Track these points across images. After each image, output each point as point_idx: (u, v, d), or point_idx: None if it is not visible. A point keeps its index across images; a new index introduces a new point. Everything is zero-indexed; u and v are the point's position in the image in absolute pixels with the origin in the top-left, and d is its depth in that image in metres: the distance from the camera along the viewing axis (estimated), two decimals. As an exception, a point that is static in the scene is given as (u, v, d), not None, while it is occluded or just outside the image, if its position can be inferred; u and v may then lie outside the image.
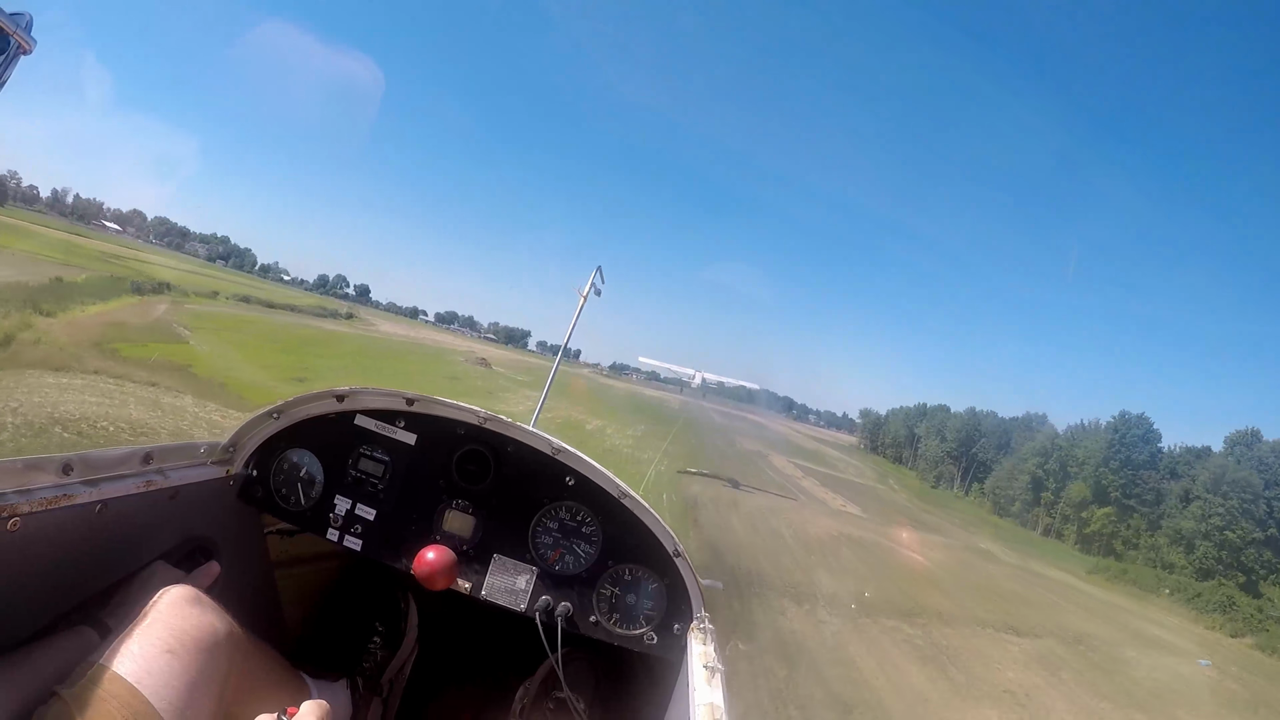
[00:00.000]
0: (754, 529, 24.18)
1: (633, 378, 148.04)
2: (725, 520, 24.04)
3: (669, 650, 1.79)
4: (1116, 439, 57.25)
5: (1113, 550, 55.26)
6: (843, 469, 69.89)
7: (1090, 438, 61.05)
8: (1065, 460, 61.41)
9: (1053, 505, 61.48)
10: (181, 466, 1.63)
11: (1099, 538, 56.13)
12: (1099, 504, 56.84)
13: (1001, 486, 66.96)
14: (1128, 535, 55.12)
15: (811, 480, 49.98)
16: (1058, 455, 62.19)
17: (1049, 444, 64.20)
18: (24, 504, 1.18)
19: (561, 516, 1.85)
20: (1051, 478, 61.82)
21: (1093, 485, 57.52)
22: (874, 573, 23.40)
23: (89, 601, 1.35)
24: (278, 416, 1.85)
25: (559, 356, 3.63)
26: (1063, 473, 61.16)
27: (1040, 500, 62.39)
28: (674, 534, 1.80)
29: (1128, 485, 55.85)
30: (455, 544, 1.82)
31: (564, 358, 3.65)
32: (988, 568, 34.59)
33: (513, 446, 1.85)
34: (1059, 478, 61.36)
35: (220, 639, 1.24)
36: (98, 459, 1.36)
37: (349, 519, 1.86)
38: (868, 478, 69.54)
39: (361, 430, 1.87)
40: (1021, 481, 64.00)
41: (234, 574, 1.72)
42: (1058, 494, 61.18)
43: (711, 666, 1.53)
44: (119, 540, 1.43)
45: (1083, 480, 58.43)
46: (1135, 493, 55.41)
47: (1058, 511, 60.78)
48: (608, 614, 1.82)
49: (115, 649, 1.12)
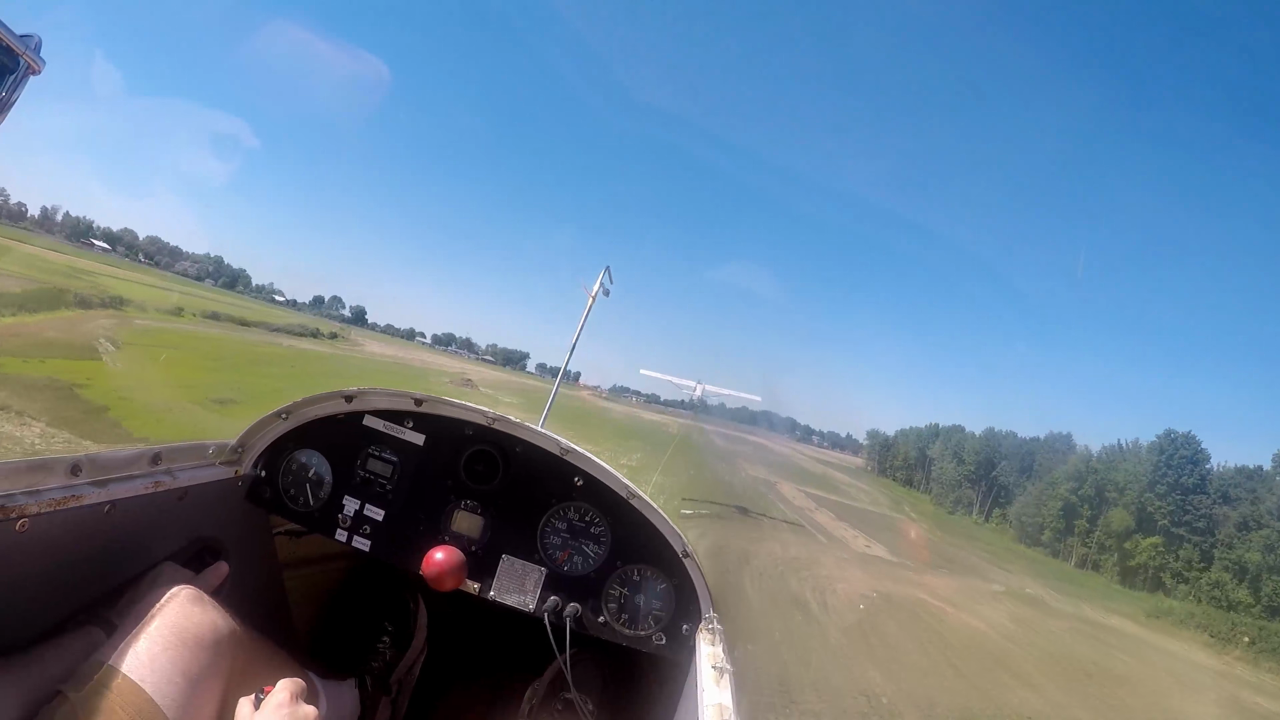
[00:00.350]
0: (772, 599, 18.77)
1: (632, 400, 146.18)
2: (737, 582, 18.70)
3: (677, 651, 1.79)
4: (1162, 461, 51.69)
5: (1160, 584, 49.57)
6: (855, 496, 65.06)
7: (1130, 460, 55.62)
8: (1102, 485, 55.84)
9: (1088, 534, 55.80)
10: (190, 467, 1.64)
11: (1144, 571, 50.41)
12: (1144, 533, 51.17)
13: (1028, 513, 61.33)
14: (1178, 568, 49.39)
15: (826, 513, 44.86)
16: (1093, 479, 56.62)
17: (1083, 467, 58.59)
18: (32, 505, 1.19)
19: (570, 517, 1.85)
20: (1087, 504, 56.18)
21: (1136, 512, 51.89)
22: (931, 657, 17.91)
23: (97, 602, 1.36)
24: (286, 417, 1.85)
25: (568, 354, 3.62)
26: (1099, 499, 55.57)
27: (1074, 529, 56.69)
28: (682, 534, 1.81)
29: (1176, 512, 50.20)
30: (464, 544, 1.82)
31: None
32: (1047, 623, 29.09)
33: (521, 447, 1.86)
34: (1095, 504, 55.75)
35: (223, 637, 1.27)
36: (106, 459, 1.38)
37: (357, 519, 1.87)
38: (882, 504, 64.75)
39: (370, 431, 1.88)
40: (1052, 508, 58.36)
41: (242, 574, 1.73)
42: (1094, 522, 55.53)
43: (720, 667, 1.52)
44: (127, 541, 1.45)
45: (1124, 507, 52.82)
46: (1185, 520, 49.74)
47: (1094, 540, 55.10)
48: (616, 615, 1.81)
49: (119, 647, 1.16)
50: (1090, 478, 56.91)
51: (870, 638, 17.74)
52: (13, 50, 0.88)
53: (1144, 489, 51.69)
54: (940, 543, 49.32)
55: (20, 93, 0.92)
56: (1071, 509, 56.80)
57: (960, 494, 74.74)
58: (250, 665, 1.34)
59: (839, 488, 68.79)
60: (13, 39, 0.87)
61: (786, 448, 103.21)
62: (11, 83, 0.90)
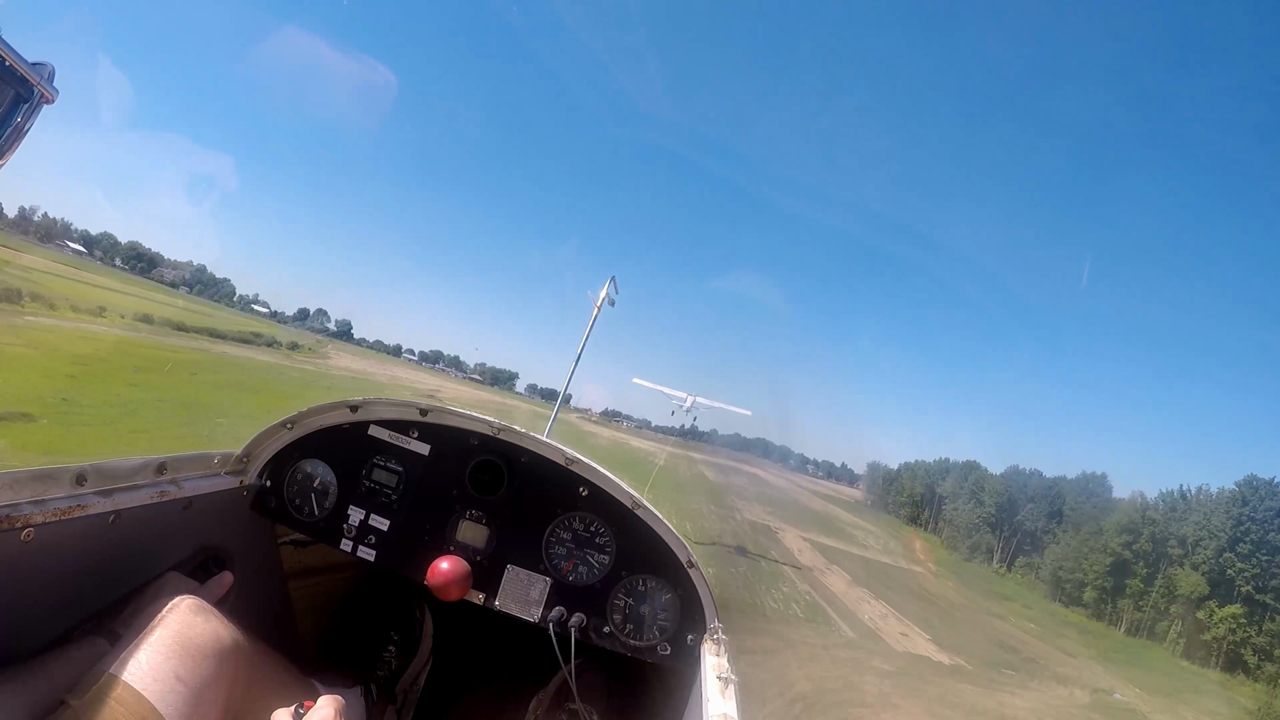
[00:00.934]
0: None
1: (623, 424, 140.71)
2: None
3: (682, 661, 1.79)
4: (1244, 514, 43.04)
5: (1240, 661, 40.86)
6: (865, 542, 57.15)
7: (1200, 511, 47.02)
8: (1161, 539, 47.34)
9: (1142, 596, 47.10)
10: (195, 477, 1.63)
11: (1220, 645, 41.66)
12: (1220, 600, 42.45)
13: (1066, 568, 52.64)
14: (1262, 643, 40.70)
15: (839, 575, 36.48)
16: (1150, 532, 47.99)
17: (1137, 517, 49.94)
18: (38, 514, 1.20)
19: (575, 527, 1.85)
20: (1142, 561, 47.62)
21: (1210, 574, 43.21)
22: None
23: (102, 612, 1.36)
24: (291, 427, 1.85)
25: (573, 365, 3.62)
26: (1158, 555, 47.06)
27: (1125, 589, 48.01)
28: (686, 544, 1.80)
29: (1262, 576, 41.52)
30: (469, 554, 1.82)
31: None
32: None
33: (526, 457, 1.86)
34: (1152, 561, 47.23)
35: (226, 647, 1.26)
36: (111, 469, 1.37)
37: (363, 529, 1.85)
38: (896, 553, 56.45)
39: (375, 441, 1.88)
40: (1097, 564, 49.78)
41: (247, 584, 1.73)
42: (1150, 582, 46.92)
43: (725, 678, 1.52)
44: (132, 551, 1.45)
45: (1194, 567, 44.15)
46: (1273, 585, 41.05)
47: (1149, 603, 46.40)
48: (621, 625, 1.81)
49: (122, 658, 1.16)
50: (1147, 530, 48.25)
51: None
52: (27, 80, 0.87)
53: (1221, 547, 43.01)
54: (973, 608, 40.89)
55: (33, 121, 0.91)
56: (1123, 566, 48.17)
57: (978, 539, 66.32)
58: (255, 675, 1.33)
59: (844, 531, 61.69)
60: (26, 69, 0.86)
61: (782, 479, 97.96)
62: (25, 111, 0.90)
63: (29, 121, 0.91)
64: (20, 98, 0.89)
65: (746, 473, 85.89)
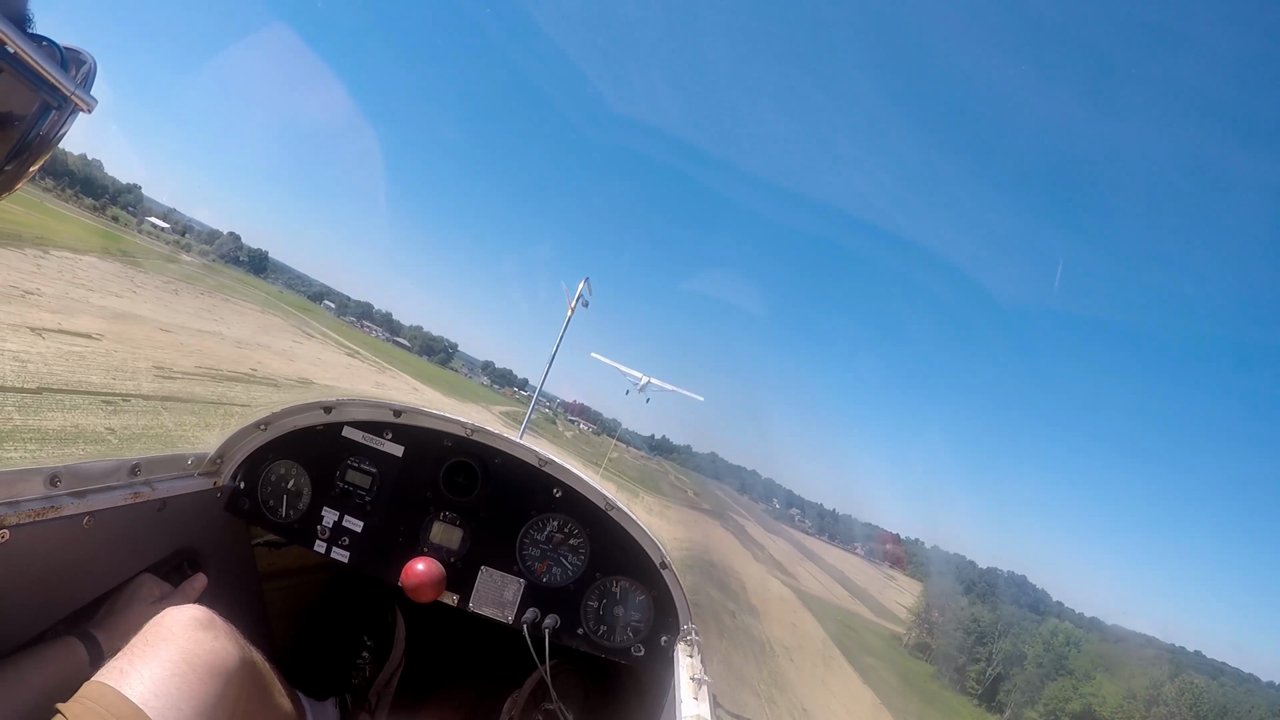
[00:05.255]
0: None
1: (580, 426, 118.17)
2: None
3: (656, 663, 1.80)
4: None
5: None
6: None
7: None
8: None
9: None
10: (169, 478, 1.64)
11: None
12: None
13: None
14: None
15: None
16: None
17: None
18: (11, 515, 1.19)
19: (549, 528, 1.86)
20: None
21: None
22: None
23: (77, 614, 1.37)
24: (265, 428, 1.86)
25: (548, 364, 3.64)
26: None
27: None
28: (660, 545, 1.81)
29: None
30: (443, 556, 1.84)
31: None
32: None
33: (500, 458, 1.87)
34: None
35: (232, 665, 1.22)
36: (85, 471, 1.37)
37: (336, 531, 1.87)
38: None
39: (349, 442, 1.89)
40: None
41: (221, 586, 1.73)
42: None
43: (698, 679, 1.54)
44: (106, 552, 1.44)
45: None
46: None
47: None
48: (595, 626, 1.83)
49: (124, 670, 1.10)
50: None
51: None
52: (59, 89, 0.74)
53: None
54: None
55: (67, 129, 0.79)
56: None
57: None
58: (250, 690, 1.29)
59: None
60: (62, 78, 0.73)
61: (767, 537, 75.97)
62: (58, 120, 0.77)
63: (62, 128, 0.77)
64: (47, 105, 0.75)
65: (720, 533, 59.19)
